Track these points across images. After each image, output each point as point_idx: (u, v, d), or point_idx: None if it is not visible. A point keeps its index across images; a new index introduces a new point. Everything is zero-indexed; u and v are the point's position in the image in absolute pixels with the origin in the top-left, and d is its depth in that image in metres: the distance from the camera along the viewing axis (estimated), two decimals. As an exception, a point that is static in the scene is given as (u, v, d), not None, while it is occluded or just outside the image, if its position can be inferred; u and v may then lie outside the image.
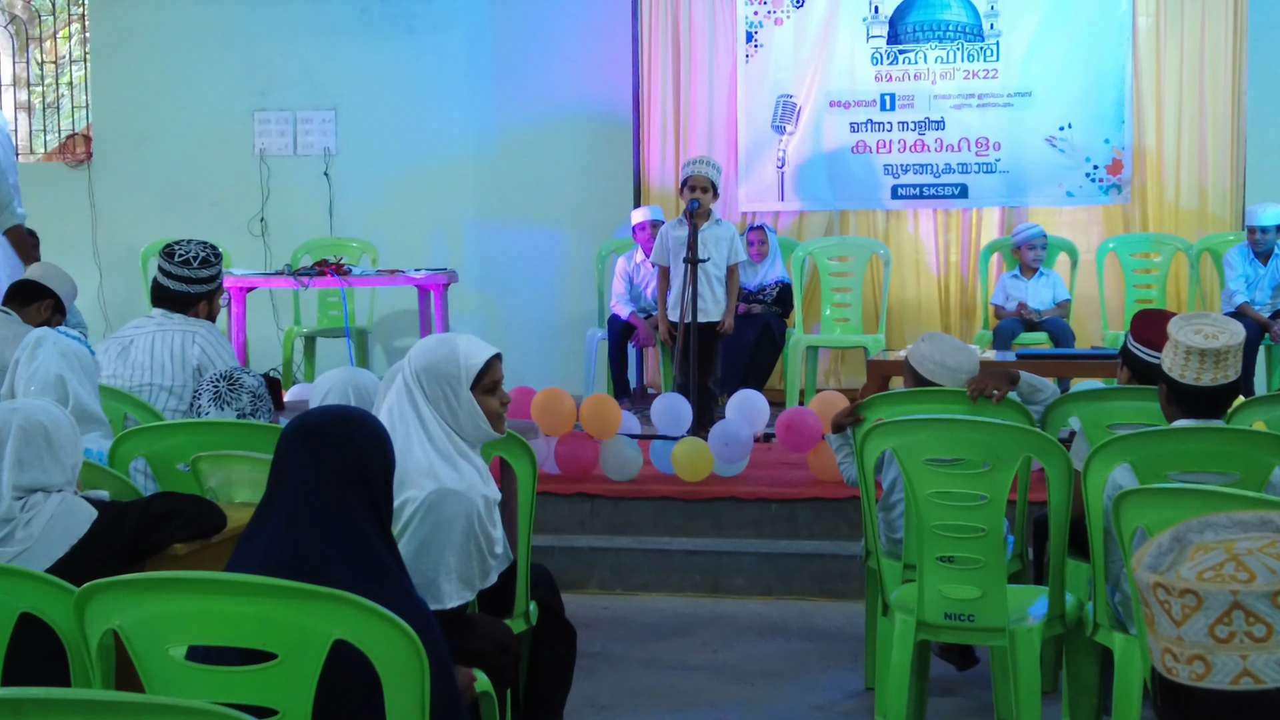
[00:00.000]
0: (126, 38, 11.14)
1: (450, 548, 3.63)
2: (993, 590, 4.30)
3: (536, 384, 7.72)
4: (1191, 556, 1.63)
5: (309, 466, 2.92)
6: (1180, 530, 1.68)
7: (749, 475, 7.14)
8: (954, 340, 5.23)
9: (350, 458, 2.95)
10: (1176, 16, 9.60)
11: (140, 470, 4.57)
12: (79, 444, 3.57)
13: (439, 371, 3.73)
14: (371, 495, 2.97)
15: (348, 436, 2.98)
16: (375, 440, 3.04)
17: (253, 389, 4.72)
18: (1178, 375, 4.03)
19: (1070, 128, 9.69)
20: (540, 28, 10.65)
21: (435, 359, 3.74)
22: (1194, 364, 3.99)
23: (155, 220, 10.77)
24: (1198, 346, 3.97)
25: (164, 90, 11.06)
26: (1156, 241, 9.58)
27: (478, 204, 10.87)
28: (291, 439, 2.98)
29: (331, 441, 2.96)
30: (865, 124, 9.91)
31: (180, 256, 5.42)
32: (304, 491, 2.90)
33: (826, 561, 6.55)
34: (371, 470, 2.98)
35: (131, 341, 5.34)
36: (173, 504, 3.61)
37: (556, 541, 6.70)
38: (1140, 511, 3.64)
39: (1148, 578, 1.63)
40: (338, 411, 3.11)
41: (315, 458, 2.93)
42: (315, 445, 2.95)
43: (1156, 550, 1.67)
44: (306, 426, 3.00)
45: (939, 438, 4.38)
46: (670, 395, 7.44)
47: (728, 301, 8.04)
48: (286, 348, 9.97)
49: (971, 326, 9.69)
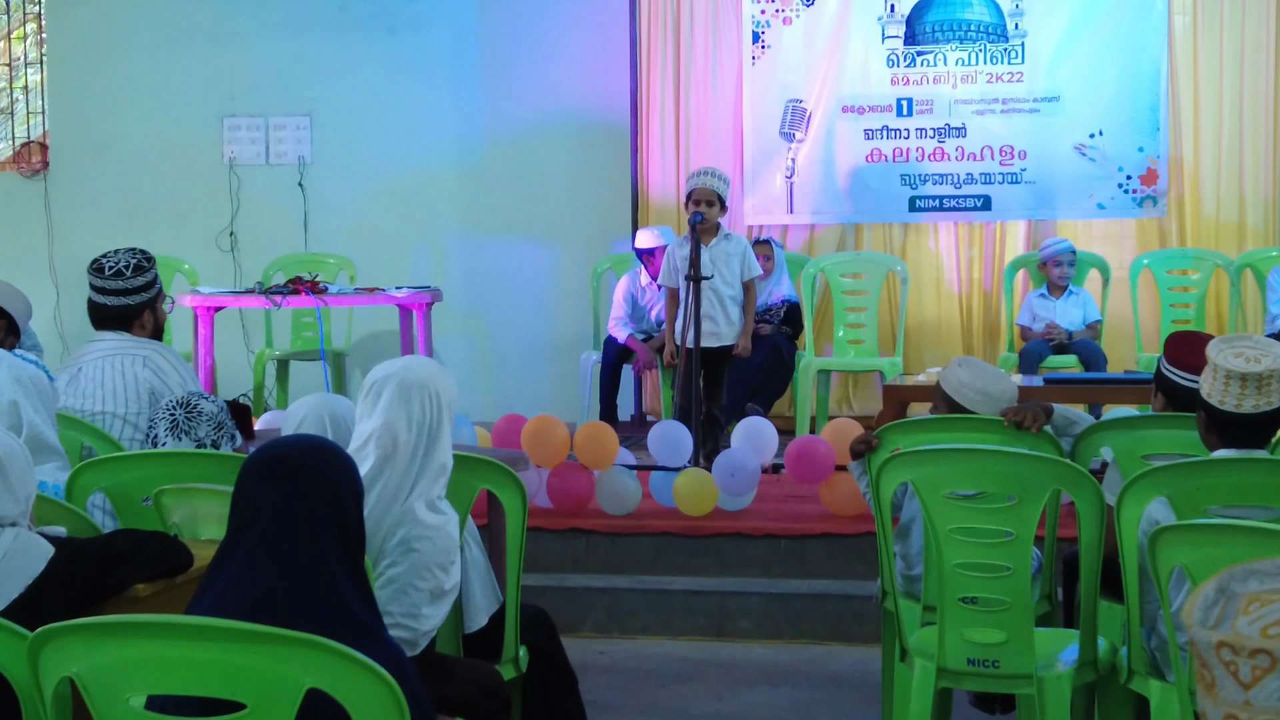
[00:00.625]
0: (86, 39, 11.17)
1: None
2: (1019, 634, 4.29)
3: (527, 411, 7.72)
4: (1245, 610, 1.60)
5: (278, 504, 2.92)
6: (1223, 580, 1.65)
7: (756, 509, 7.13)
8: (991, 366, 5.25)
9: (323, 494, 2.95)
10: (1215, 14, 9.62)
11: (99, 505, 4.56)
12: (33, 475, 3.56)
13: (452, 399, 3.83)
14: (345, 534, 2.97)
15: (320, 471, 2.98)
16: (347, 474, 3.05)
17: (213, 416, 4.71)
18: (1217, 402, 4.03)
19: (1101, 135, 9.71)
20: (531, 27, 10.68)
21: (448, 384, 3.85)
22: (1234, 390, 3.99)
23: (116, 234, 10.70)
24: (1238, 371, 3.98)
25: (126, 95, 11.08)
26: (1195, 258, 9.58)
27: (464, 217, 10.88)
28: (257, 474, 2.97)
29: (303, 477, 2.96)
30: (881, 131, 9.92)
31: (111, 268, 5.42)
32: (273, 530, 2.90)
33: (840, 602, 6.54)
34: (345, 506, 2.99)
35: (80, 369, 5.34)
36: (134, 541, 3.60)
37: (548, 581, 6.69)
38: (1178, 549, 3.64)
39: (1209, 636, 1.59)
40: (306, 443, 3.10)
41: (285, 494, 2.92)
42: (284, 481, 2.94)
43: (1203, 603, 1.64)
44: (273, 460, 2.99)
45: (961, 469, 4.38)
46: (668, 423, 7.43)
47: (744, 322, 8.03)
48: (257, 372, 9.97)
49: (995, 349, 9.69)
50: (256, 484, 2.96)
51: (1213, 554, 3.54)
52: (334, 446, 3.11)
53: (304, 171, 10.98)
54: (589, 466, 7.11)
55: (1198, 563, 3.58)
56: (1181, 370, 4.61)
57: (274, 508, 2.92)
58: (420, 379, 3.82)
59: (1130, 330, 9.46)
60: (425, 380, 3.82)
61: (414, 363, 3.93)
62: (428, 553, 3.70)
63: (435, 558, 3.70)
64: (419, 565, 3.68)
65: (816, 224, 10.10)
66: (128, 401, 5.27)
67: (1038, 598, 4.73)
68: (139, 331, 5.47)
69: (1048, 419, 4.95)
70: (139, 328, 5.46)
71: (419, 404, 3.78)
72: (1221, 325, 9.41)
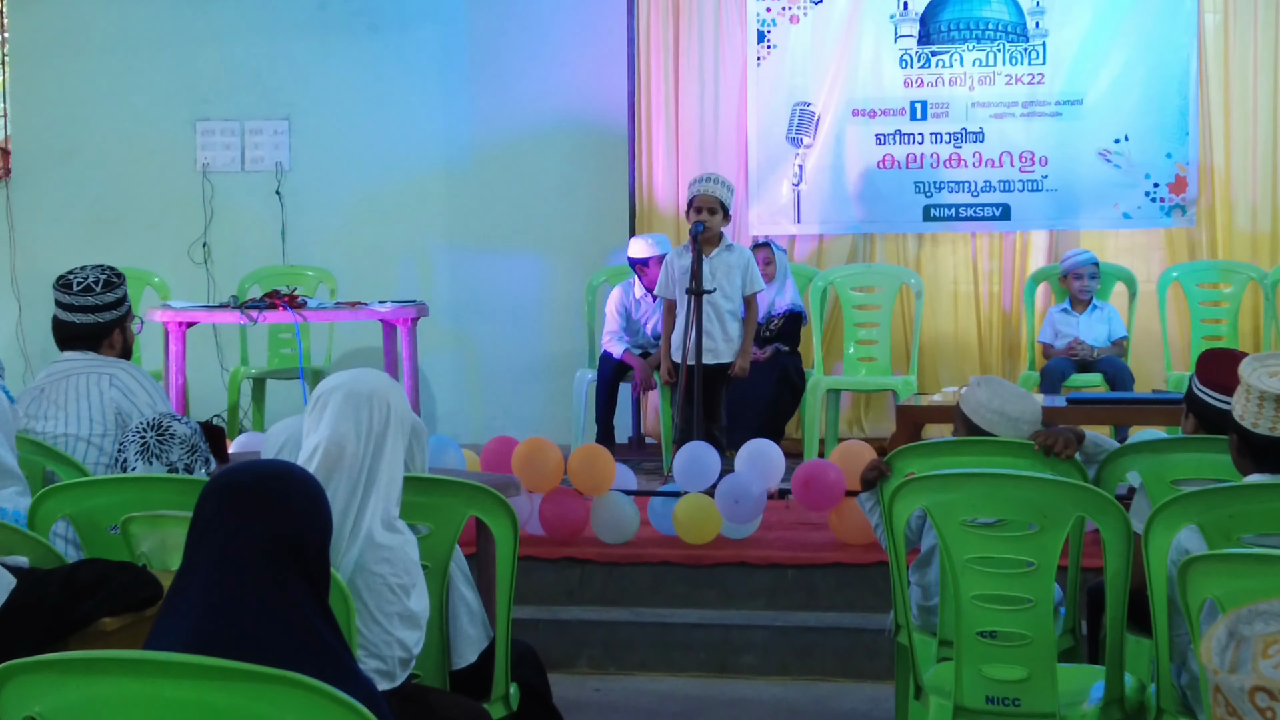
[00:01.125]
0: (50, 39, 11.17)
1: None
2: (1041, 670, 4.29)
3: (518, 433, 7.72)
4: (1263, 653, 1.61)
5: (232, 533, 2.91)
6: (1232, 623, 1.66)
7: (761, 537, 7.13)
8: (1013, 385, 5.25)
9: (281, 524, 2.95)
10: (1249, 12, 9.65)
11: (62, 534, 4.56)
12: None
13: (409, 411, 3.86)
14: (305, 564, 2.96)
15: (277, 498, 2.98)
16: (310, 501, 3.04)
17: (186, 438, 4.72)
18: (1250, 424, 4.03)
19: (1127, 140, 9.73)
20: (523, 24, 10.69)
21: (399, 395, 3.86)
22: (1269, 411, 3.99)
23: (83, 245, 10.75)
24: (1273, 391, 3.98)
25: (93, 97, 11.08)
26: (1226, 270, 9.58)
27: (451, 227, 10.89)
28: (213, 499, 2.97)
29: (259, 504, 2.95)
30: (893, 135, 9.94)
31: (79, 284, 5.43)
32: (227, 562, 2.89)
33: (850, 636, 6.54)
34: (305, 536, 2.98)
35: (43, 390, 5.35)
36: (100, 572, 3.60)
37: (541, 614, 6.68)
38: (1210, 580, 3.64)
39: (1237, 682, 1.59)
40: (268, 468, 3.10)
41: (241, 522, 2.92)
42: (241, 507, 2.94)
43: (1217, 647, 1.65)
44: (230, 486, 2.99)
45: (979, 495, 4.38)
46: (696, 445, 7.36)
47: (742, 339, 8.02)
48: (232, 391, 9.96)
49: (1016, 366, 9.70)
50: (213, 510, 2.95)
51: (1247, 585, 3.53)
52: (300, 472, 3.11)
53: (282, 179, 10.99)
54: (584, 492, 7.11)
55: (1231, 595, 3.58)
56: (1215, 391, 4.60)
57: (224, 534, 2.91)
58: (368, 389, 3.83)
59: (1158, 347, 9.46)
60: (373, 390, 3.83)
61: (362, 373, 3.94)
62: (387, 575, 3.70)
63: (396, 579, 3.71)
64: (380, 588, 3.69)
65: (825, 234, 10.11)
66: (93, 423, 5.27)
67: (1061, 632, 4.73)
68: (107, 351, 5.48)
69: (1079, 445, 4.95)
70: (108, 347, 5.47)
71: (367, 414, 3.79)
72: (1256, 342, 9.42)
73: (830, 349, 9.76)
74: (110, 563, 3.72)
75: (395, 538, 3.77)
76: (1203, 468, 4.69)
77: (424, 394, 9.96)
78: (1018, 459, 4.86)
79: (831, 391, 9.40)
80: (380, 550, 3.71)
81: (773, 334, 9.15)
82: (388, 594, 3.69)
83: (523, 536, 4.77)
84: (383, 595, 3.69)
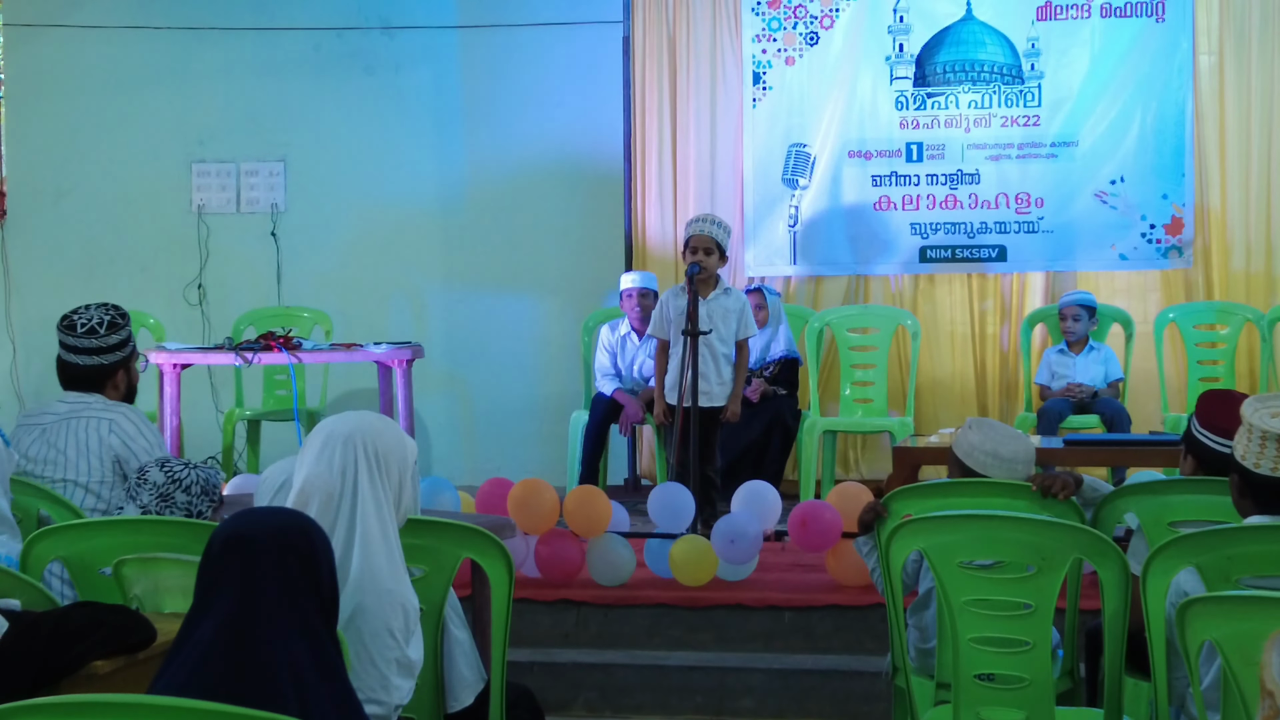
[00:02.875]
0: (46, 79, 11.20)
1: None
2: (1039, 713, 4.27)
3: (514, 474, 7.71)
4: None
5: (246, 582, 2.96)
6: None
7: (758, 579, 7.11)
8: (1006, 427, 5.24)
9: (293, 573, 3.00)
10: (1243, 54, 9.68)
11: (56, 575, 4.54)
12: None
13: (398, 453, 3.80)
14: (316, 613, 3.00)
15: (290, 547, 3.02)
16: (319, 549, 3.09)
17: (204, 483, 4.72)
18: (1252, 464, 4.03)
19: (1123, 181, 9.75)
20: (517, 66, 10.72)
21: (391, 437, 3.81)
22: (1270, 451, 3.99)
23: (77, 287, 10.75)
24: (1275, 431, 3.98)
25: (89, 139, 11.11)
26: (1223, 311, 9.59)
27: (446, 268, 10.90)
28: (223, 548, 2.99)
29: (271, 554, 2.99)
30: (889, 177, 9.96)
31: (84, 325, 5.42)
32: (241, 609, 2.93)
33: (848, 679, 6.51)
34: (316, 585, 3.03)
35: (43, 431, 5.33)
36: (93, 615, 3.59)
37: (536, 656, 6.66)
38: (1209, 622, 3.62)
39: None
40: (276, 518, 3.11)
41: (252, 573, 2.96)
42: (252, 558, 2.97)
43: None
44: (240, 536, 3.01)
45: (976, 537, 4.37)
46: (668, 485, 7.40)
47: (734, 384, 8.03)
48: (227, 433, 9.94)
49: (1013, 408, 9.70)
50: (221, 559, 2.97)
51: (1246, 628, 3.53)
52: (306, 521, 3.12)
53: (277, 220, 11.00)
54: (580, 534, 7.09)
55: (1230, 637, 3.57)
56: (1213, 434, 4.60)
57: (241, 586, 2.93)
58: (348, 430, 3.79)
59: (1155, 388, 9.46)
60: (352, 431, 3.79)
61: (349, 415, 3.89)
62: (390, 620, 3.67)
63: (399, 625, 3.68)
64: (381, 633, 3.66)
65: (822, 275, 10.11)
66: (90, 469, 5.26)
67: (1059, 674, 4.71)
68: (112, 393, 5.46)
69: (1077, 488, 4.94)
70: (112, 389, 5.45)
71: (341, 454, 3.75)
72: (1253, 383, 9.42)
73: (826, 390, 9.75)
74: (103, 606, 3.71)
75: (401, 584, 3.75)
76: (1201, 509, 4.68)
77: (419, 435, 9.94)
78: (1015, 500, 4.85)
79: (828, 433, 9.39)
80: (387, 596, 3.69)
81: (769, 379, 9.16)
82: (388, 640, 3.67)
83: (518, 578, 4.76)
84: (384, 641, 3.67)
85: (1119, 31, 9.76)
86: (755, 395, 8.96)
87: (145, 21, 10.94)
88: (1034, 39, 9.81)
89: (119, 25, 10.94)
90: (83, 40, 11.07)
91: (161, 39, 10.98)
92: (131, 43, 11.01)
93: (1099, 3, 9.78)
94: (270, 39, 10.92)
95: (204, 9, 10.93)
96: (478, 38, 10.78)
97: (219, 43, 10.95)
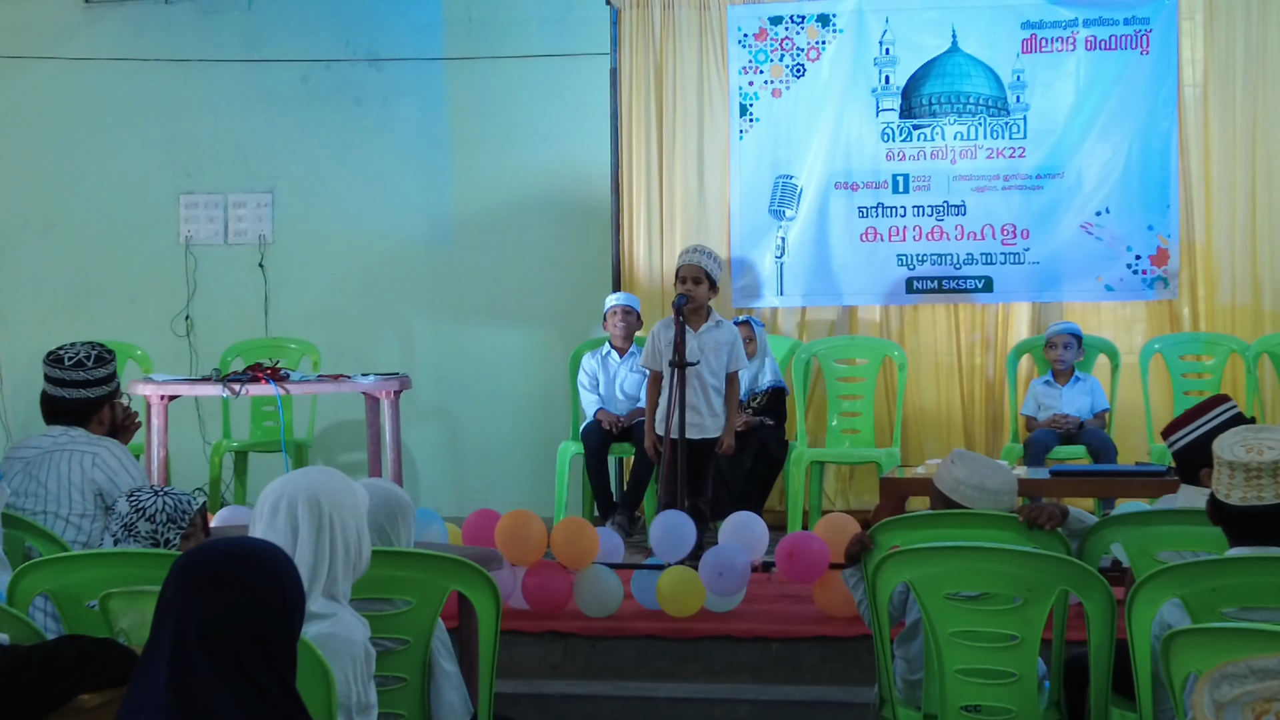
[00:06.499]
0: (32, 111, 11.21)
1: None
2: (1026, 745, 4.28)
3: (501, 506, 7.70)
4: None
5: (190, 614, 2.88)
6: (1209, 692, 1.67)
7: (746, 610, 7.11)
8: (987, 459, 5.25)
9: (248, 604, 2.91)
10: (1229, 86, 9.70)
11: (42, 608, 4.54)
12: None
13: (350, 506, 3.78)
14: (271, 647, 2.91)
15: (237, 579, 2.93)
16: (273, 581, 2.98)
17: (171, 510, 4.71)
18: (1223, 495, 4.06)
19: (1108, 213, 9.78)
20: (505, 98, 10.74)
21: (349, 495, 3.78)
22: (1239, 482, 4.01)
23: (63, 320, 10.78)
24: (1240, 461, 4.00)
25: (76, 170, 11.12)
26: (1209, 342, 9.62)
27: (434, 300, 10.90)
28: (177, 579, 2.92)
29: (224, 585, 2.91)
30: (875, 208, 9.98)
31: (71, 359, 5.43)
32: (186, 643, 2.87)
33: (835, 711, 6.51)
34: (268, 622, 2.93)
35: (27, 464, 5.33)
36: (80, 648, 3.58)
37: (524, 688, 6.65)
38: (1194, 654, 3.64)
39: None
40: (236, 547, 3.05)
41: (202, 603, 2.89)
42: (203, 588, 2.89)
43: None
44: (195, 565, 2.95)
45: (962, 568, 4.38)
46: (671, 514, 7.37)
47: (727, 416, 8.03)
48: (214, 465, 9.93)
49: (999, 439, 9.70)
50: (174, 590, 2.91)
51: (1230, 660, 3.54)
52: (270, 549, 3.06)
53: (265, 251, 11.00)
54: (567, 565, 7.09)
55: (1215, 668, 3.58)
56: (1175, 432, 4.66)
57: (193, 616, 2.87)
58: (295, 490, 3.78)
59: (1141, 419, 9.46)
60: (299, 491, 3.78)
61: (296, 475, 3.88)
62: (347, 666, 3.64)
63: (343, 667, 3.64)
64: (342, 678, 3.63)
65: (808, 306, 10.12)
66: (71, 502, 5.26)
67: (1045, 705, 4.72)
68: (96, 428, 5.47)
69: (1063, 519, 4.95)
70: (96, 424, 5.46)
71: (309, 515, 3.74)
72: (1239, 414, 9.41)
73: (814, 421, 9.76)
74: (89, 639, 3.71)
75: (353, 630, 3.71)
76: (1186, 540, 4.70)
77: (406, 467, 9.93)
78: (1001, 532, 4.86)
79: (815, 463, 9.39)
80: (321, 638, 3.63)
81: (756, 409, 9.16)
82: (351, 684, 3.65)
83: (506, 610, 4.76)
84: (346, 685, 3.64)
85: (1104, 64, 9.79)
86: (742, 426, 8.97)
87: (133, 54, 10.95)
88: (1019, 71, 9.84)
89: (107, 57, 10.95)
90: (71, 72, 11.07)
91: (149, 71, 10.99)
92: (119, 75, 11.02)
93: (1084, 35, 9.82)
94: (258, 71, 10.93)
95: (192, 41, 10.95)
96: (465, 70, 10.80)
97: (207, 75, 10.97)
